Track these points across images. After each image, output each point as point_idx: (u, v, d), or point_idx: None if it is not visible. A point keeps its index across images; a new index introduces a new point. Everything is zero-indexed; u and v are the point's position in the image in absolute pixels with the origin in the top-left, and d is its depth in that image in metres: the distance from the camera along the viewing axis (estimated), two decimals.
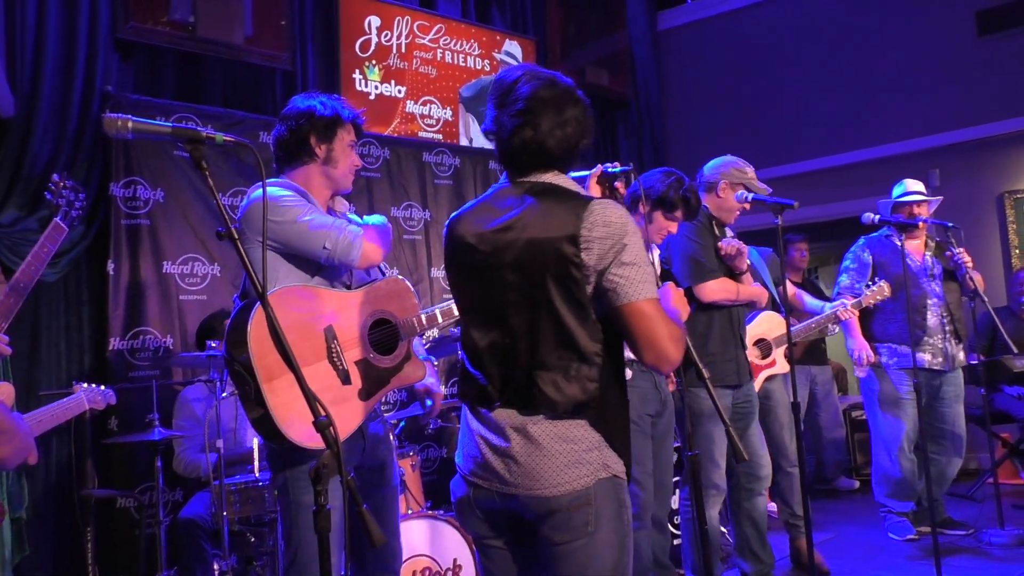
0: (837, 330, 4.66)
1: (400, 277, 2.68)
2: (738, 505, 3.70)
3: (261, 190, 2.35)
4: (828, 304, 4.60)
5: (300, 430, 2.22)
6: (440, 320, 2.64)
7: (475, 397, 1.93)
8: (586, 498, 1.78)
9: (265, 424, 2.23)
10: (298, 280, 2.41)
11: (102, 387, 3.46)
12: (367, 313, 2.47)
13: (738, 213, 3.67)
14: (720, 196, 3.68)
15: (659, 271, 3.37)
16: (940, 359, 4.57)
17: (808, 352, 6.01)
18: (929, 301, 4.57)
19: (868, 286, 4.49)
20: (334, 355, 2.36)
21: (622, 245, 1.78)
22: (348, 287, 2.53)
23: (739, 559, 3.78)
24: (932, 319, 4.56)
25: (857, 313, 4.47)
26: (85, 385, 3.40)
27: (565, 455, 1.79)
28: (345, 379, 2.36)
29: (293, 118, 2.48)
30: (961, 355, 4.61)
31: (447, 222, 2.04)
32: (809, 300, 4.75)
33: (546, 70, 1.94)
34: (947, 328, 4.57)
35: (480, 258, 1.90)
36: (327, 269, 2.45)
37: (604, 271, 1.78)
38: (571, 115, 1.89)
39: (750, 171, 3.68)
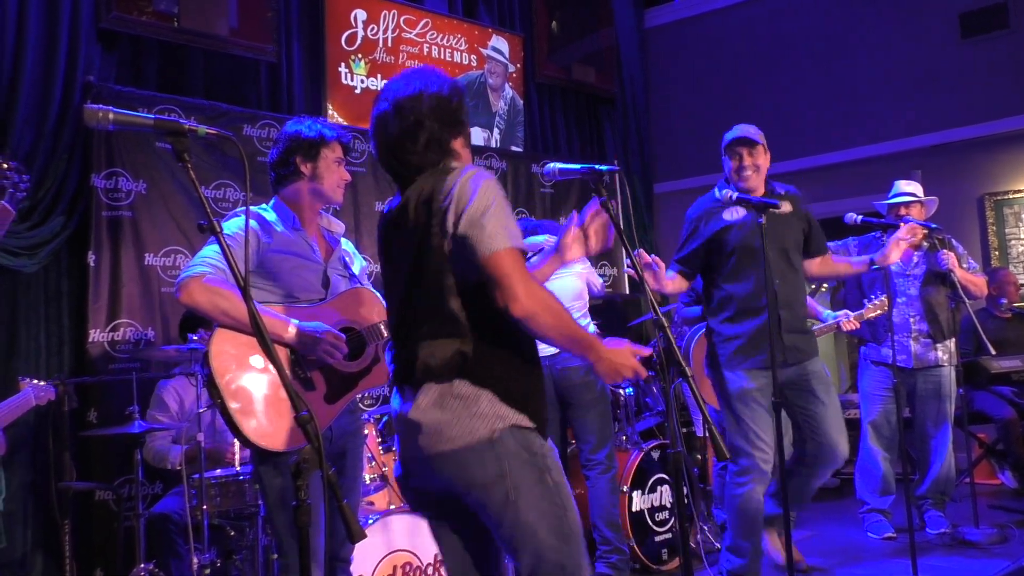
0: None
1: (363, 286, 2.79)
2: (787, 478, 3.46)
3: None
4: (830, 312, 4.67)
5: (259, 434, 2.40)
6: None
7: (393, 376, 2.05)
8: (493, 456, 1.86)
9: (237, 433, 2.43)
10: (269, 297, 2.55)
11: (42, 383, 3.47)
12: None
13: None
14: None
15: None
16: (904, 356, 4.62)
17: None
18: (898, 299, 4.63)
19: (871, 299, 4.56)
20: (295, 364, 2.50)
21: (467, 201, 1.86)
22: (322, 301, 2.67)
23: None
24: (897, 317, 4.61)
25: (859, 324, 4.57)
26: (32, 381, 3.41)
27: (457, 410, 1.88)
28: (307, 385, 2.50)
29: (282, 142, 2.68)
30: (936, 355, 4.61)
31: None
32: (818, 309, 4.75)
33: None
34: (916, 327, 4.61)
35: (382, 245, 2.10)
36: (296, 288, 2.59)
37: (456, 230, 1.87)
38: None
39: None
